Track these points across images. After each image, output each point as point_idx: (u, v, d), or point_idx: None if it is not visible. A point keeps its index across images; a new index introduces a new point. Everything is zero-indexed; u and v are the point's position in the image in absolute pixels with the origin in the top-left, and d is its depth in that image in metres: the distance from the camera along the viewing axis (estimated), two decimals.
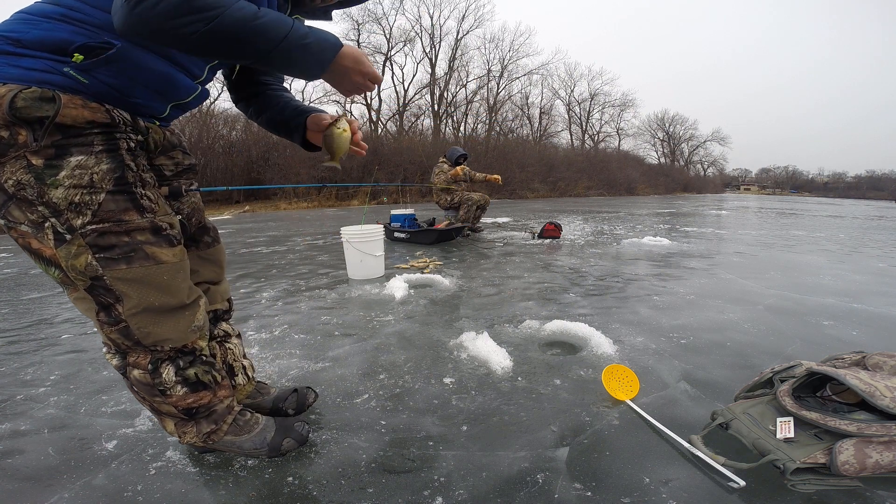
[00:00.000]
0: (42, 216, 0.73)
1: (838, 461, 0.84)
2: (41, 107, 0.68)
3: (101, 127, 0.74)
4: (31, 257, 0.78)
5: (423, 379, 1.40)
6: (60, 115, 0.69)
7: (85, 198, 0.73)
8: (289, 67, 0.77)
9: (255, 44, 0.70)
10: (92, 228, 0.74)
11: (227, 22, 0.66)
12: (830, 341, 1.71)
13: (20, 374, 1.50)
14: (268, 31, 0.70)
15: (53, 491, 0.91)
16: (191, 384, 0.89)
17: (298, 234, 5.71)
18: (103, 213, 0.75)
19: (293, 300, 2.37)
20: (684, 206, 12.86)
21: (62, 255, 0.75)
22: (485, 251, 3.94)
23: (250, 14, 0.68)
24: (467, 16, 25.73)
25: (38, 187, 0.70)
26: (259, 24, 0.69)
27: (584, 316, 2.01)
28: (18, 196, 0.71)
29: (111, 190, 0.75)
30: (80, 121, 0.72)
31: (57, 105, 0.69)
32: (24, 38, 0.69)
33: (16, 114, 0.67)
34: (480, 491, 0.90)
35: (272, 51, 0.71)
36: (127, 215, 0.77)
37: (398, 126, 24.65)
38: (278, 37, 0.71)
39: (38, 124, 0.69)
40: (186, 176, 1.00)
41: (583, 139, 36.38)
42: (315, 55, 0.76)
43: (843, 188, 77.88)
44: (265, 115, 1.07)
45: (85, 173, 0.73)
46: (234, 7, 0.67)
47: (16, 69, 0.69)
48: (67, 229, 0.74)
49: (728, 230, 5.98)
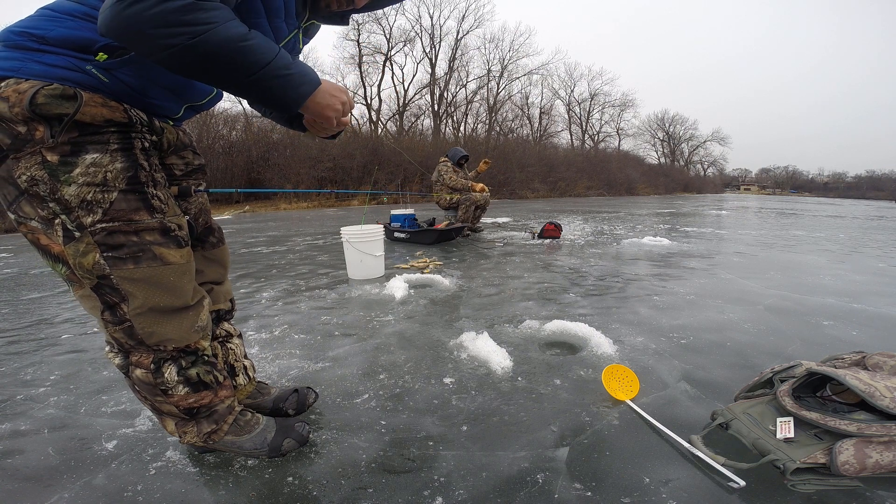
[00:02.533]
0: (53, 212, 0.73)
1: (838, 461, 0.84)
2: (62, 104, 0.69)
3: (117, 126, 0.75)
4: (39, 253, 0.79)
5: (423, 379, 1.40)
6: (80, 113, 0.70)
7: (97, 196, 0.74)
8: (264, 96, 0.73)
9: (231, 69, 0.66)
10: (101, 227, 0.75)
11: (212, 40, 0.63)
12: (830, 341, 1.71)
13: (20, 374, 1.50)
14: (250, 55, 0.66)
15: (53, 491, 0.91)
16: (192, 384, 0.90)
17: (298, 234, 5.71)
18: (114, 211, 0.75)
19: (293, 300, 2.37)
20: (684, 207, 12.86)
21: (70, 252, 0.75)
22: (485, 251, 3.94)
23: (238, 35, 0.65)
24: (467, 16, 25.80)
25: (52, 183, 0.71)
26: (243, 47, 0.65)
27: (584, 316, 2.01)
28: (31, 192, 0.71)
29: (123, 189, 0.76)
30: (99, 119, 0.73)
31: (78, 102, 0.70)
32: (48, 34, 0.70)
33: (36, 110, 0.67)
34: (480, 491, 0.90)
35: (246, 78, 0.68)
36: (137, 215, 0.78)
37: (398, 126, 24.66)
38: (258, 63, 0.67)
39: (56, 121, 0.69)
40: (195, 176, 1.01)
41: (583, 139, 36.42)
42: (295, 88, 0.74)
43: (843, 188, 77.82)
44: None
45: (99, 171, 0.73)
46: (225, 25, 0.64)
47: (38, 65, 0.69)
48: (77, 227, 0.74)
49: (728, 230, 5.98)
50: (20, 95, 0.67)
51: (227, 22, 0.65)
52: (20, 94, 0.67)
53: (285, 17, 0.83)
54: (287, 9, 0.82)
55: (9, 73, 0.68)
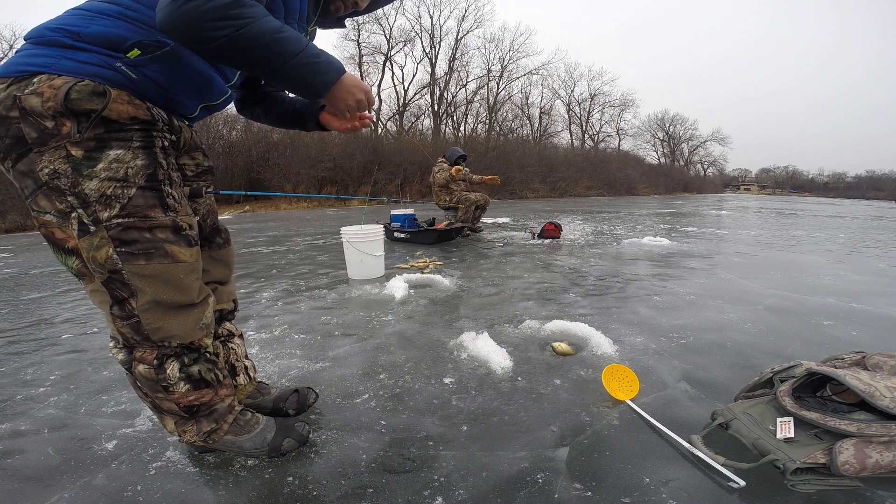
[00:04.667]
0: (70, 206, 0.74)
1: (838, 461, 0.84)
2: (92, 100, 0.71)
3: (141, 123, 0.78)
4: (51, 247, 0.81)
5: (423, 379, 1.40)
6: (107, 110, 0.72)
7: (117, 191, 0.75)
8: (296, 82, 0.80)
9: (269, 57, 0.74)
10: (117, 222, 0.76)
11: (253, 32, 0.70)
12: (830, 341, 1.71)
13: (20, 374, 1.50)
14: (285, 45, 0.74)
15: (53, 491, 0.91)
16: (194, 381, 0.90)
17: (298, 234, 5.71)
18: (131, 207, 0.77)
19: (293, 300, 2.37)
20: (684, 207, 12.86)
21: (84, 246, 0.77)
22: (485, 251, 3.94)
23: (274, 28, 0.73)
24: (467, 16, 25.76)
25: (74, 177, 0.72)
26: (279, 38, 0.73)
27: (584, 316, 2.01)
28: (51, 185, 0.73)
29: (142, 185, 0.78)
30: (125, 116, 0.75)
31: (107, 99, 0.72)
32: (84, 31, 0.73)
33: (68, 105, 0.69)
34: (480, 491, 0.90)
35: (282, 65, 0.75)
36: (152, 212, 0.79)
37: (398, 126, 24.66)
38: (292, 52, 0.75)
39: (84, 116, 0.71)
40: (204, 178, 1.02)
41: (583, 139, 36.39)
42: (323, 75, 0.80)
43: (843, 188, 77.76)
44: (275, 111, 1.11)
45: (121, 167, 0.75)
46: (264, 20, 0.72)
47: (71, 62, 0.72)
48: (93, 221, 0.75)
49: (728, 230, 5.98)
50: (55, 91, 0.69)
51: (265, 17, 0.72)
52: (55, 89, 0.69)
53: (298, 20, 0.89)
54: (301, 12, 0.89)
55: (42, 69, 0.71)
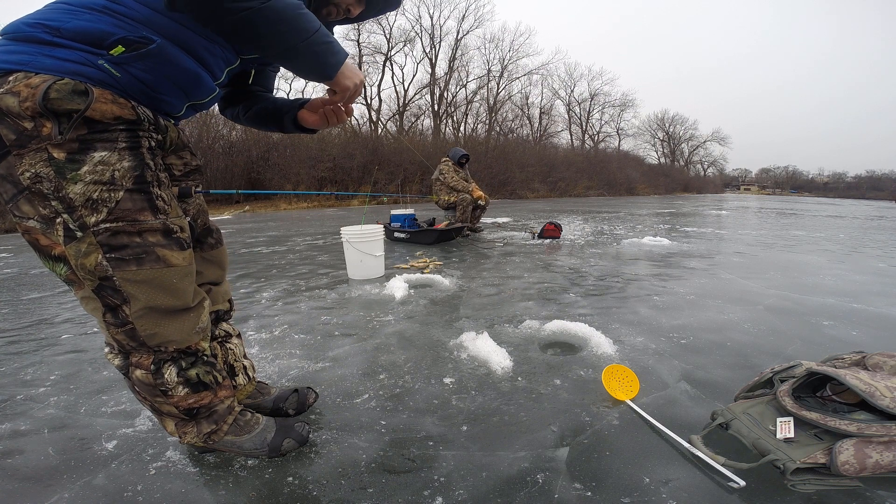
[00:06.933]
0: (54, 211, 0.71)
1: (838, 461, 0.84)
2: (73, 99, 0.67)
3: (126, 123, 0.74)
4: (36, 254, 0.77)
5: (423, 379, 1.40)
6: (90, 110, 0.68)
7: (103, 195, 0.72)
8: (311, 60, 0.80)
9: (289, 32, 0.75)
10: (105, 227, 0.73)
11: (278, 5, 0.71)
12: (830, 341, 1.71)
13: (20, 374, 1.50)
14: (304, 22, 0.75)
15: (53, 491, 0.91)
16: (192, 384, 0.89)
17: (298, 234, 5.71)
18: (119, 211, 0.74)
19: (293, 300, 2.37)
20: (684, 206, 12.86)
21: (71, 252, 0.74)
22: (485, 251, 3.94)
23: (295, 3, 0.75)
24: (467, 16, 25.78)
25: (57, 181, 0.69)
26: (300, 14, 0.75)
27: (584, 316, 2.01)
28: (33, 189, 0.69)
29: (130, 188, 0.75)
30: (108, 116, 0.71)
31: (89, 99, 0.68)
32: (63, 26, 0.69)
33: (48, 105, 0.65)
34: (480, 491, 0.90)
35: (300, 42, 0.76)
36: (142, 215, 0.76)
37: (398, 126, 24.65)
38: (310, 30, 0.76)
39: (65, 117, 0.67)
40: (193, 177, 0.99)
41: (583, 139, 36.42)
42: (334, 55, 0.82)
43: (842, 188, 77.75)
44: (254, 109, 1.08)
45: (107, 169, 0.72)
46: None
47: (49, 59, 0.68)
48: (80, 226, 0.72)
49: (728, 230, 5.97)
50: (33, 90, 0.65)
51: None
52: (32, 88, 0.65)
53: None
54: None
55: (18, 66, 0.67)
